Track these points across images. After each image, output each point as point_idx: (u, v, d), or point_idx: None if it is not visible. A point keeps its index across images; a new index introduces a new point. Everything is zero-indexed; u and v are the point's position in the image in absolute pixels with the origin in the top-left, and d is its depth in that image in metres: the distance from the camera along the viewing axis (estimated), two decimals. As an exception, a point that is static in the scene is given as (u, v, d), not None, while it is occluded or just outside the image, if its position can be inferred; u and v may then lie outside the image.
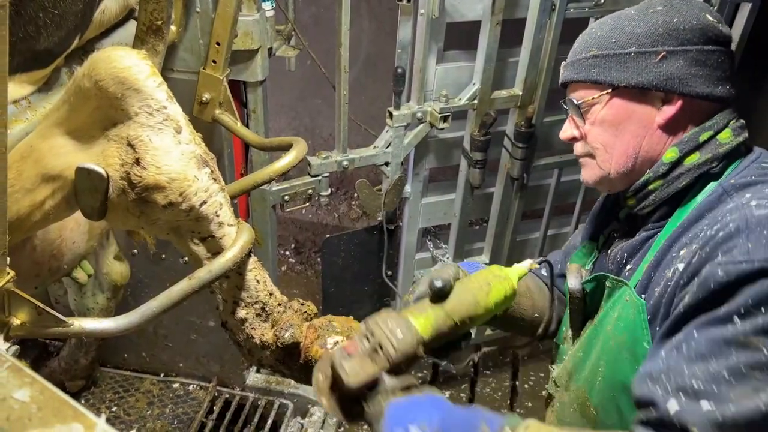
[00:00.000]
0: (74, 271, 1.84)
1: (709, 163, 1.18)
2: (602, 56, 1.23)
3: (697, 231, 1.11)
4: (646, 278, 1.19)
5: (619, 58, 1.21)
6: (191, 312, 2.53)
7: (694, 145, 1.18)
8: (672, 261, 1.13)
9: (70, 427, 0.49)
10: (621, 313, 1.22)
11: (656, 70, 1.18)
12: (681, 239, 1.15)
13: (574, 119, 1.32)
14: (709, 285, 1.00)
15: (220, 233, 1.07)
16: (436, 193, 2.72)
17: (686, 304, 1.03)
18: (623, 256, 1.31)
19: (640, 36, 1.19)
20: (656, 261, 1.18)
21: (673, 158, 1.19)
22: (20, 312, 0.94)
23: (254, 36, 1.89)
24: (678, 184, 1.20)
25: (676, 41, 1.17)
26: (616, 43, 1.21)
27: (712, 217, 1.11)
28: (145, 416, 2.57)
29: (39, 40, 1.08)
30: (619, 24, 1.23)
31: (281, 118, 4.27)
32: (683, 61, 1.17)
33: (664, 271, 1.14)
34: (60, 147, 0.97)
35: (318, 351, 1.21)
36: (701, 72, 1.17)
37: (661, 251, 1.18)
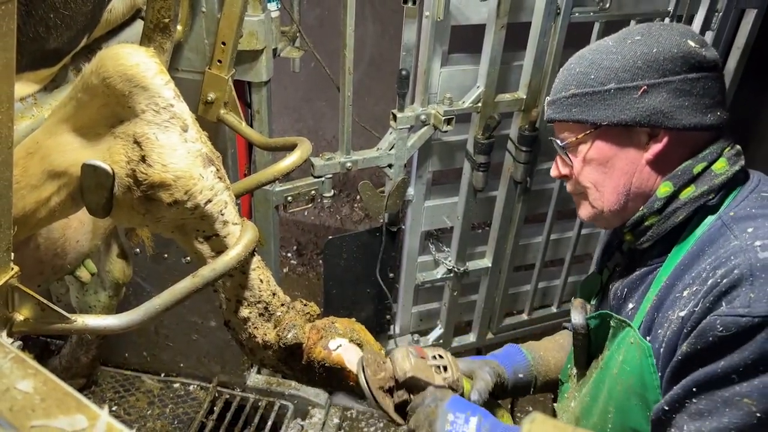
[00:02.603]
0: (77, 269, 1.84)
1: (706, 196, 1.14)
2: (581, 94, 1.19)
3: (700, 270, 1.08)
4: (650, 319, 1.16)
5: (599, 95, 1.17)
6: (193, 312, 2.53)
7: (689, 178, 1.15)
8: (675, 302, 1.10)
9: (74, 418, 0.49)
10: (626, 356, 1.19)
11: (638, 106, 1.14)
12: (684, 278, 1.11)
13: (562, 158, 1.29)
14: (707, 337, 0.99)
15: (225, 232, 1.07)
16: (439, 195, 2.71)
17: (684, 352, 1.03)
18: (623, 291, 1.28)
19: (618, 70, 1.15)
20: (659, 301, 1.15)
21: (667, 193, 1.16)
22: (24, 308, 0.94)
23: (259, 36, 1.89)
24: (675, 219, 1.16)
25: (657, 73, 1.13)
26: (594, 80, 1.17)
27: (714, 255, 1.07)
28: (145, 416, 2.57)
29: (49, 40, 1.08)
30: (597, 58, 1.19)
31: (285, 119, 4.27)
32: (666, 94, 1.13)
33: (668, 313, 1.11)
34: (66, 144, 0.97)
35: (320, 352, 1.21)
36: (687, 102, 1.13)
37: (664, 290, 1.14)
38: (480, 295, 2.99)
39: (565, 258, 3.06)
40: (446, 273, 2.80)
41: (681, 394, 1.03)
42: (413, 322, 2.99)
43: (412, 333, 3.00)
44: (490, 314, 3.04)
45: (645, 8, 2.44)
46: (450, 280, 2.83)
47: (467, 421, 1.14)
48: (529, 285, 3.07)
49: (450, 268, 2.78)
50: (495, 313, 3.04)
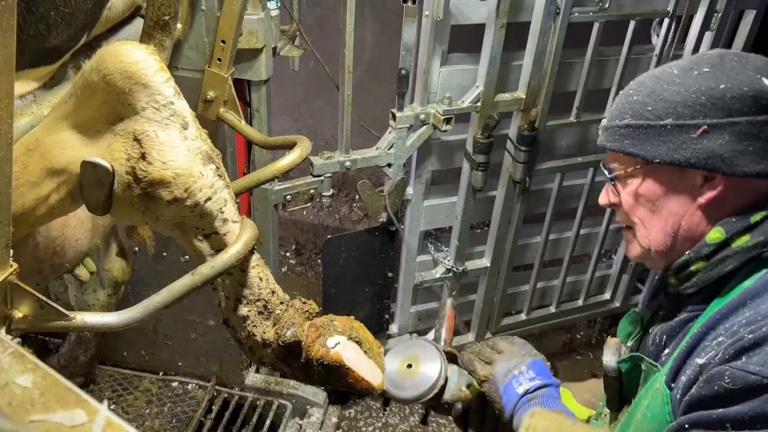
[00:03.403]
0: (76, 268, 1.84)
1: (761, 247, 1.05)
2: (636, 126, 1.11)
3: (735, 322, 1.02)
4: (677, 366, 1.10)
5: (654, 130, 1.08)
6: (191, 311, 2.53)
7: (744, 227, 1.06)
8: (704, 350, 1.04)
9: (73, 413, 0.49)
10: (650, 401, 1.14)
11: (695, 147, 1.04)
12: (717, 328, 1.05)
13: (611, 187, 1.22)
14: (713, 385, 0.96)
15: (224, 230, 1.07)
16: (438, 195, 2.72)
17: (691, 395, 1.00)
18: (662, 338, 1.21)
19: (678, 105, 1.06)
20: (689, 347, 1.09)
21: (717, 239, 1.08)
22: (23, 305, 0.94)
23: (259, 35, 1.89)
24: (723, 268, 1.08)
25: (721, 112, 1.03)
26: (651, 112, 1.09)
27: (755, 310, 1.01)
28: (143, 415, 2.57)
29: (49, 38, 1.08)
30: (658, 88, 1.10)
31: (284, 119, 4.27)
32: (729, 136, 1.03)
33: (694, 360, 1.05)
34: (66, 141, 0.97)
35: (319, 350, 1.21)
36: (751, 147, 1.03)
37: (696, 338, 1.08)
38: (479, 295, 2.99)
39: (563, 258, 3.06)
40: (445, 272, 2.80)
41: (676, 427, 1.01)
42: (412, 321, 2.99)
43: (410, 333, 3.00)
44: (489, 314, 3.04)
45: (644, 8, 2.44)
46: (449, 280, 2.83)
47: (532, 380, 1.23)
48: (528, 285, 3.08)
49: (449, 268, 2.78)
50: (493, 313, 3.04)
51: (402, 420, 3.07)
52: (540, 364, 1.31)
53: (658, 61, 2.56)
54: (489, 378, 1.32)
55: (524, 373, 1.28)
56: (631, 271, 3.20)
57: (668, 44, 2.52)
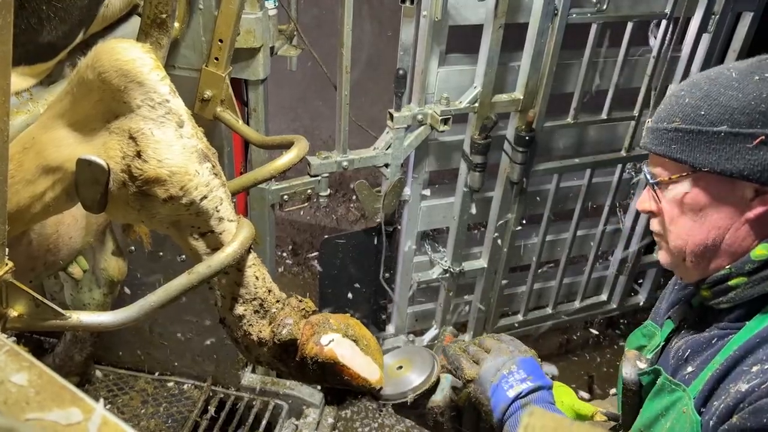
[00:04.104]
0: (70, 266, 1.83)
1: None
2: (686, 131, 1.04)
3: None
4: (709, 389, 1.03)
5: (706, 137, 1.01)
6: (187, 311, 2.52)
7: None
8: (741, 375, 0.98)
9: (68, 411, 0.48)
10: (675, 424, 1.07)
11: (750, 158, 0.98)
12: (757, 352, 0.99)
13: (651, 193, 1.15)
14: (761, 419, 0.90)
15: (220, 228, 1.07)
16: (436, 196, 2.71)
17: (732, 425, 0.94)
18: (686, 351, 1.14)
19: (735, 111, 0.99)
20: (724, 370, 1.02)
21: (763, 257, 1.02)
22: (18, 304, 0.94)
23: (256, 34, 1.89)
24: (765, 287, 1.02)
25: None
26: (705, 117, 1.01)
27: None
28: (139, 415, 2.56)
29: (42, 32, 1.07)
30: (714, 91, 1.02)
31: (281, 119, 4.26)
32: None
33: (729, 385, 0.99)
34: (61, 139, 0.97)
35: (313, 348, 1.20)
36: None
37: (732, 360, 1.01)
38: (475, 295, 2.99)
39: (560, 259, 3.06)
40: (442, 273, 2.80)
41: None
42: (408, 322, 2.99)
43: (407, 333, 2.99)
44: (486, 315, 3.04)
45: (642, 10, 2.44)
46: (445, 280, 2.83)
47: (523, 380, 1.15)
48: (525, 286, 3.08)
49: (446, 269, 2.78)
50: (490, 314, 3.04)
51: (398, 421, 3.06)
52: (531, 362, 1.22)
53: (655, 63, 2.56)
54: (475, 378, 1.22)
55: (514, 373, 1.18)
56: (628, 273, 3.20)
57: (666, 46, 2.53)
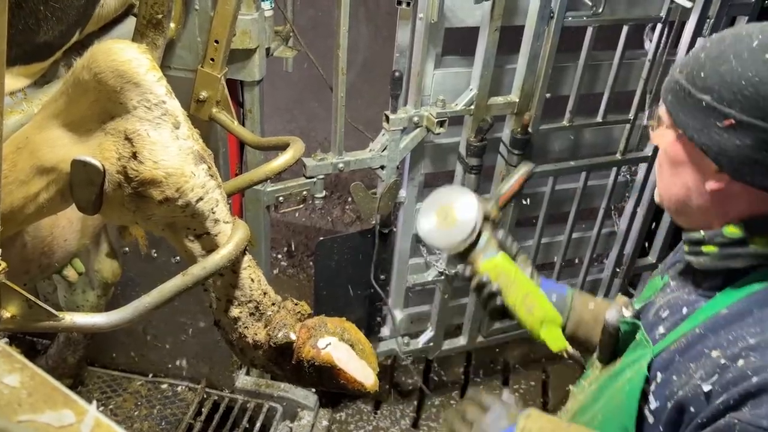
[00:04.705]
0: (64, 268, 1.82)
1: None
2: (683, 88, 1.04)
3: (737, 336, 0.99)
4: (669, 358, 1.08)
5: (693, 101, 1.01)
6: (181, 312, 2.51)
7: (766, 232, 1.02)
8: (700, 357, 1.02)
9: (61, 413, 0.48)
10: (632, 376, 1.13)
11: (715, 136, 0.98)
12: (719, 333, 1.01)
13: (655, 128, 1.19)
14: None
15: (216, 230, 1.07)
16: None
17: None
18: (665, 311, 1.18)
19: (724, 86, 0.97)
20: (686, 345, 1.06)
21: (734, 235, 1.03)
22: (11, 305, 0.93)
23: (252, 35, 1.89)
24: (730, 263, 1.05)
25: (757, 112, 0.94)
26: (701, 81, 1.00)
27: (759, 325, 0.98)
28: (132, 417, 2.55)
29: (39, 33, 1.07)
30: (723, 56, 0.99)
31: (277, 119, 4.26)
32: (751, 141, 0.95)
33: (689, 364, 1.03)
34: (56, 139, 0.96)
35: (310, 351, 1.20)
36: None
37: (695, 337, 1.05)
38: (471, 298, 2.99)
39: (555, 262, 3.06)
40: (437, 275, 2.80)
41: None
42: (404, 324, 2.98)
43: (402, 335, 2.99)
44: (481, 317, 3.04)
45: (637, 13, 2.45)
46: (441, 283, 2.83)
47: None
48: (520, 288, 3.07)
49: (441, 271, 2.78)
50: (485, 317, 3.04)
51: (393, 423, 3.06)
52: None
53: (650, 67, 2.57)
54: None
55: None
56: (623, 276, 3.21)
57: (661, 49, 2.54)
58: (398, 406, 3.14)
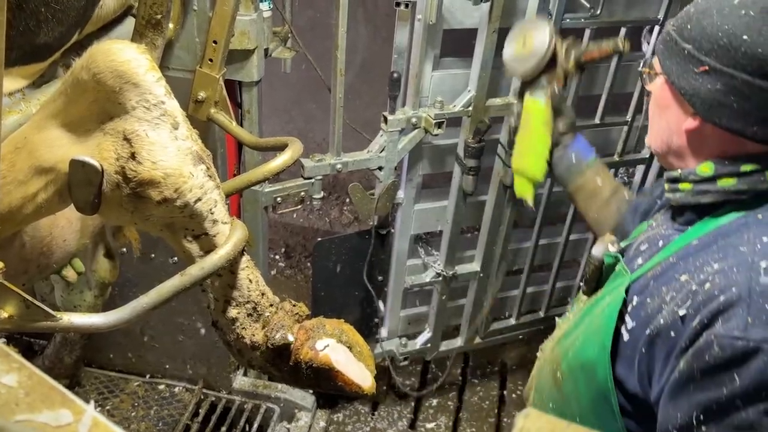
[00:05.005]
0: (63, 269, 1.82)
1: (742, 194, 1.12)
2: (671, 38, 1.16)
3: (702, 262, 1.10)
4: (645, 283, 1.20)
5: (678, 49, 1.13)
6: (179, 313, 2.51)
7: (733, 171, 1.12)
8: (670, 281, 1.14)
9: (58, 413, 0.48)
10: (611, 301, 1.26)
11: (692, 81, 1.10)
12: (688, 260, 1.13)
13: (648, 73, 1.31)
14: (704, 357, 1.01)
15: (214, 231, 1.07)
16: (429, 199, 2.72)
17: (683, 371, 1.05)
18: (644, 245, 1.31)
19: (704, 36, 1.08)
20: (661, 272, 1.18)
21: (706, 173, 1.14)
22: (8, 305, 0.93)
23: (251, 36, 1.89)
24: (701, 198, 1.16)
25: (729, 61, 1.05)
26: (686, 32, 1.12)
27: (722, 252, 1.08)
28: (129, 418, 2.54)
29: (39, 34, 1.07)
30: (708, 10, 1.10)
31: (275, 120, 4.26)
32: (721, 86, 1.06)
33: (662, 288, 1.15)
34: (54, 139, 0.96)
35: (308, 353, 1.20)
36: (736, 105, 1.06)
37: (668, 265, 1.17)
38: (468, 299, 2.99)
39: (553, 263, 3.07)
40: (435, 276, 2.80)
41: (688, 421, 1.03)
42: (401, 325, 2.98)
43: (399, 336, 2.99)
44: (478, 319, 3.04)
45: (635, 16, 2.46)
46: (438, 284, 2.83)
47: None
48: (518, 290, 3.08)
49: (439, 272, 2.78)
50: (483, 318, 3.04)
51: (390, 424, 3.06)
52: None
53: (648, 69, 2.57)
54: None
55: None
56: (620, 277, 3.21)
57: (658, 52, 2.54)
58: (396, 407, 3.14)
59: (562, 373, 1.37)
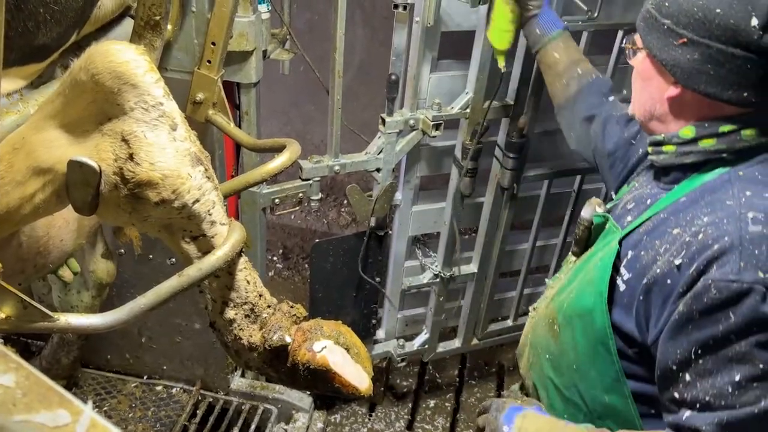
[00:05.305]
0: (60, 269, 1.82)
1: (722, 153, 1.23)
2: (651, 15, 1.27)
3: (693, 216, 1.20)
4: (638, 238, 1.30)
5: (658, 25, 1.24)
6: (176, 314, 2.51)
7: (713, 133, 1.23)
8: (663, 235, 1.24)
9: (56, 413, 0.48)
10: (604, 254, 1.36)
11: (672, 53, 1.21)
12: (678, 216, 1.24)
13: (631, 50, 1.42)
14: (703, 299, 1.11)
15: (212, 232, 1.07)
16: (427, 201, 2.72)
17: (682, 312, 1.15)
18: (631, 205, 1.41)
19: (681, 12, 1.19)
20: (652, 227, 1.29)
21: (688, 136, 1.25)
22: (5, 305, 0.93)
23: (249, 37, 1.89)
24: (684, 159, 1.27)
25: (704, 33, 1.16)
26: (665, 8, 1.23)
27: (710, 207, 1.18)
28: (126, 419, 2.54)
29: (38, 35, 1.07)
30: None
31: (273, 122, 4.26)
32: (699, 56, 1.18)
33: (655, 241, 1.25)
34: (53, 140, 0.96)
35: (305, 354, 1.21)
36: (713, 72, 1.17)
37: (659, 220, 1.28)
38: (466, 300, 2.99)
39: (550, 265, 3.07)
40: (432, 278, 2.80)
41: (687, 356, 1.15)
42: (399, 326, 2.99)
43: (397, 338, 2.99)
44: (476, 320, 3.05)
45: (632, 18, 2.44)
46: (436, 285, 2.84)
47: None
48: (515, 291, 3.09)
49: (436, 273, 2.78)
50: (480, 319, 3.05)
51: (387, 426, 3.06)
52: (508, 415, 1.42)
53: (645, 71, 2.58)
54: None
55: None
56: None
57: (655, 54, 2.55)
58: (393, 409, 3.14)
59: (559, 325, 1.45)
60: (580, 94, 1.80)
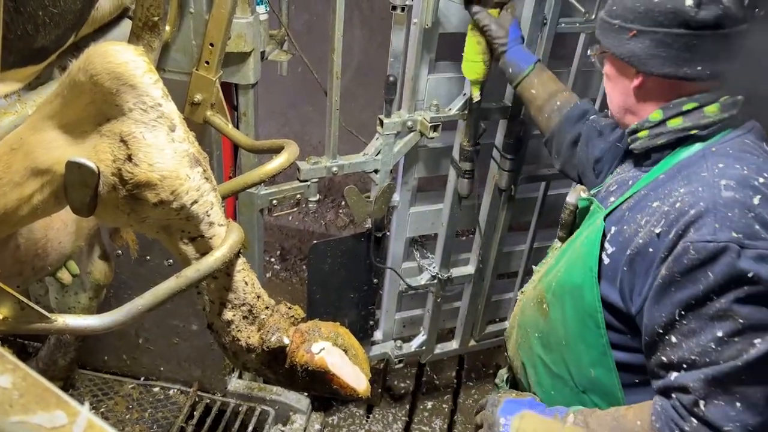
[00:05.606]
0: (58, 271, 1.82)
1: (689, 130, 1.33)
2: (605, 21, 1.42)
3: (671, 189, 1.29)
4: (621, 215, 1.39)
5: (610, 27, 1.40)
6: (174, 315, 2.50)
7: (678, 112, 1.34)
8: (644, 209, 1.33)
9: (53, 414, 0.48)
10: (590, 232, 1.45)
11: (627, 46, 1.36)
12: (658, 191, 1.33)
13: None
14: (683, 260, 1.19)
15: (210, 233, 1.07)
16: (425, 202, 2.72)
17: (664, 276, 1.22)
18: (614, 187, 1.51)
19: (627, 11, 1.35)
20: (634, 203, 1.38)
21: (657, 119, 1.37)
22: (2, 307, 0.93)
23: (247, 38, 1.89)
24: (657, 141, 1.38)
25: (649, 22, 1.30)
26: (613, 12, 1.39)
27: (687, 179, 1.28)
28: (123, 420, 2.53)
29: (37, 38, 1.07)
30: None
31: (271, 123, 4.26)
32: (649, 42, 1.32)
33: (636, 216, 1.34)
34: (51, 141, 0.96)
35: (303, 356, 1.20)
36: (665, 54, 1.31)
37: (640, 197, 1.37)
38: (463, 302, 2.99)
39: (548, 266, 3.07)
40: (430, 279, 2.81)
41: (672, 318, 1.22)
42: (396, 328, 2.99)
43: (395, 339, 2.99)
44: (473, 321, 3.05)
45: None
46: (434, 287, 2.84)
47: None
48: (512, 293, 3.09)
49: (434, 275, 2.78)
50: (477, 320, 3.05)
51: (385, 427, 3.06)
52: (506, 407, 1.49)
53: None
54: None
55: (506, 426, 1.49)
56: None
57: (653, 56, 2.56)
58: (390, 410, 3.14)
59: (548, 303, 1.53)
60: (563, 124, 1.89)
